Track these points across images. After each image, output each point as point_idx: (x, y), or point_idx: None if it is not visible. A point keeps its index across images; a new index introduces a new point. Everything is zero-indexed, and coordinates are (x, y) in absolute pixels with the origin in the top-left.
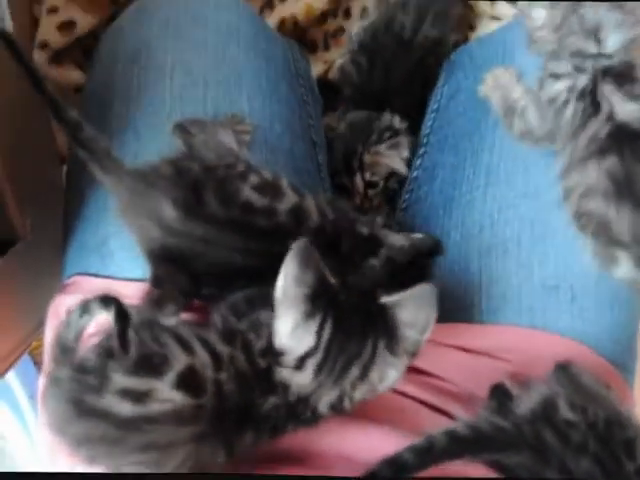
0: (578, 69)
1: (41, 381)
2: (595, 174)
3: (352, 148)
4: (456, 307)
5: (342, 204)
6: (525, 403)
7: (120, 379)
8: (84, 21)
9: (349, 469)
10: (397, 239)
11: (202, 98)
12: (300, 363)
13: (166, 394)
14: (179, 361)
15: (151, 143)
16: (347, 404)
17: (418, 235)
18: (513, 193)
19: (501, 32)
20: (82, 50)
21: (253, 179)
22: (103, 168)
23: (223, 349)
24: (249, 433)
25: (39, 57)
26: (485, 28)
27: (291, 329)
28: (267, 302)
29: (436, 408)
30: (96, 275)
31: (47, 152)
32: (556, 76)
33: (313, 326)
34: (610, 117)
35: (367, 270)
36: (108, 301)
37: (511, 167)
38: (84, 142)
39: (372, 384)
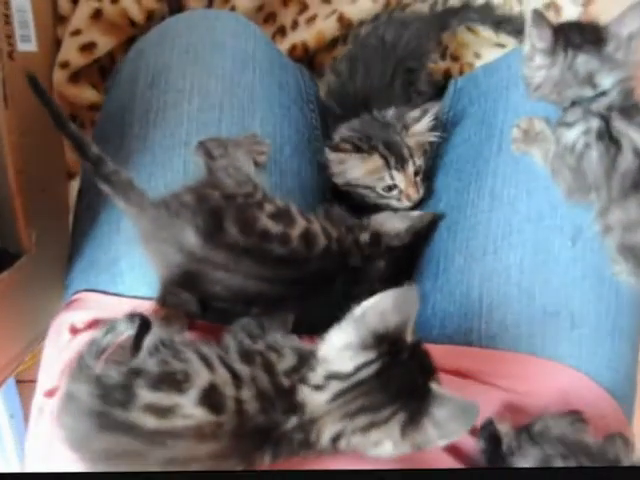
0: (587, 112)
1: (37, 399)
2: (636, 208)
3: (392, 141)
4: (455, 331)
5: (336, 210)
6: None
7: (145, 394)
8: (104, 43)
9: None
10: (393, 224)
11: (217, 121)
12: (325, 382)
13: (189, 410)
14: (201, 377)
15: (167, 164)
16: (343, 445)
17: (414, 213)
18: (517, 218)
19: (505, 59)
20: (99, 71)
21: (269, 208)
22: (127, 200)
23: (242, 368)
24: (268, 453)
25: (59, 76)
26: (490, 55)
27: (342, 346)
28: (278, 327)
29: None
30: (104, 292)
31: (56, 168)
32: (567, 124)
33: (361, 358)
34: (635, 151)
35: (374, 272)
36: (133, 317)
37: (514, 192)
38: (107, 176)
39: (366, 442)
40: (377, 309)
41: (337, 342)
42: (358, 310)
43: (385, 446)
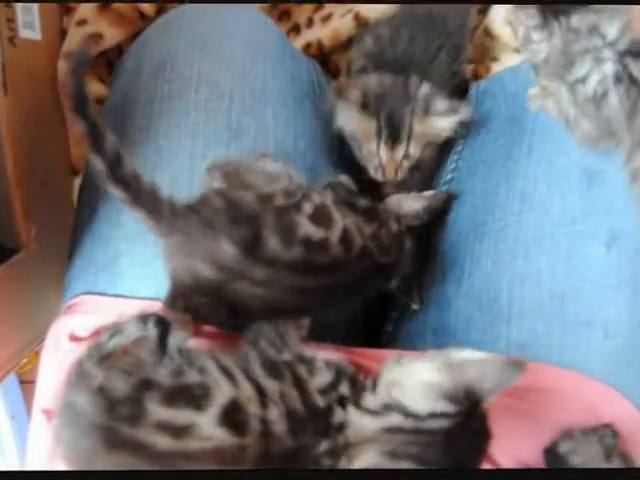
0: (597, 60)
1: (36, 406)
2: None
3: (398, 116)
4: (480, 337)
5: (344, 184)
6: None
7: (158, 410)
8: (111, 35)
9: None
10: (410, 206)
11: (226, 112)
12: (384, 410)
13: (207, 430)
14: (222, 392)
15: (172, 156)
16: None
17: (427, 193)
18: (549, 221)
19: None
20: (106, 64)
21: (307, 208)
22: (149, 212)
23: (269, 384)
24: None
25: (64, 67)
26: (508, 60)
27: (427, 383)
28: (293, 332)
29: None
30: (104, 294)
31: (60, 163)
32: (582, 80)
33: (440, 407)
34: None
35: (405, 257)
36: (145, 318)
37: (546, 194)
38: (125, 181)
39: None
40: (482, 368)
41: (422, 376)
42: (457, 356)
43: None
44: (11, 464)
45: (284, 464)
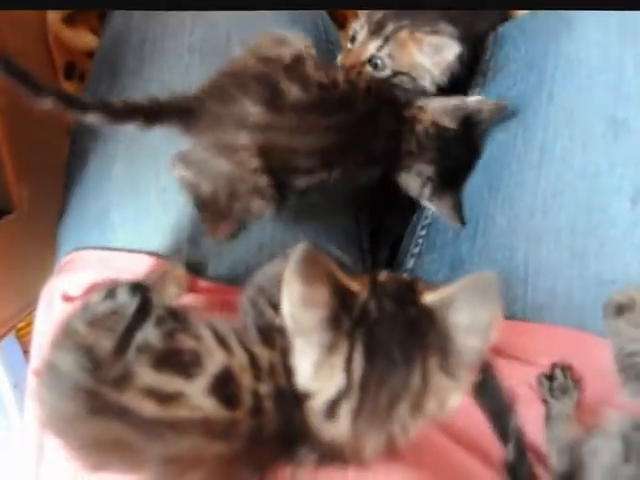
0: None
1: (30, 369)
2: None
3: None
4: None
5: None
6: None
7: (146, 374)
8: None
9: None
10: (440, 103)
11: (223, 54)
12: (332, 410)
13: (196, 400)
14: (214, 360)
15: None
16: (400, 442)
17: (473, 98)
18: (570, 174)
19: None
20: (99, 14)
21: (310, 63)
22: (175, 117)
23: (261, 352)
24: (289, 462)
25: (53, 16)
26: None
27: (313, 368)
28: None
29: (464, 444)
30: (96, 248)
31: (54, 120)
32: None
33: (339, 361)
34: None
35: (418, 138)
36: (135, 289)
37: (568, 145)
38: (130, 111)
39: (429, 415)
40: (295, 301)
41: (305, 368)
42: (287, 320)
43: (449, 399)
44: (14, 431)
45: (279, 445)
